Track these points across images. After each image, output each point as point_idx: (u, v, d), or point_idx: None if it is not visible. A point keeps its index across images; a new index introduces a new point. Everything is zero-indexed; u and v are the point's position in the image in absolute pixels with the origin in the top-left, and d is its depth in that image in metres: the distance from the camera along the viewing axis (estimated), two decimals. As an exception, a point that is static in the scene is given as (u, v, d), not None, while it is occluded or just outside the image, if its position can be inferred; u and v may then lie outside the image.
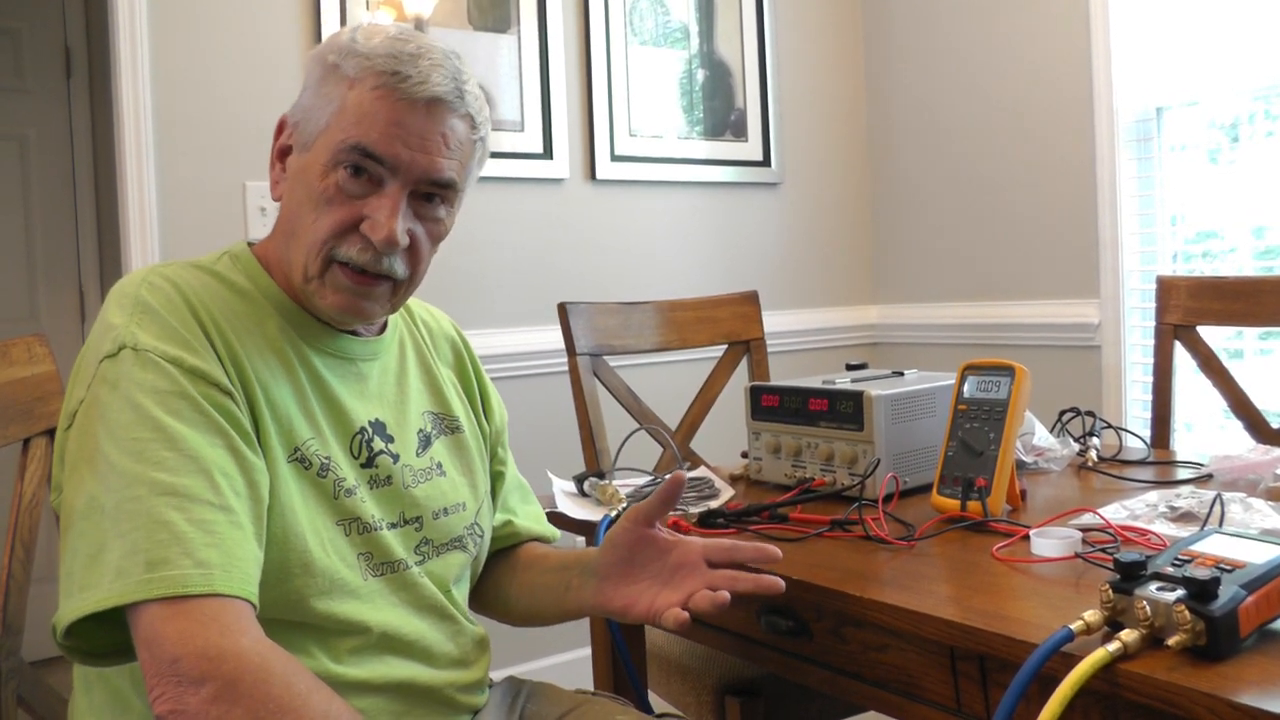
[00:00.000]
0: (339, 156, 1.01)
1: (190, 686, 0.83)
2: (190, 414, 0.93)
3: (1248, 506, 1.23)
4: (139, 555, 0.86)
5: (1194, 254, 2.67)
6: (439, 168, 1.04)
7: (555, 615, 1.24)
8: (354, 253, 1.02)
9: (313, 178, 1.03)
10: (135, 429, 0.91)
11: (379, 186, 1.02)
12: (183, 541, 0.87)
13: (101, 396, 0.94)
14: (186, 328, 0.97)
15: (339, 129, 1.01)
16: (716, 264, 3.13)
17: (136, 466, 0.90)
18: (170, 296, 0.99)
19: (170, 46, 2.32)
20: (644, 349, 2.13)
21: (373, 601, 1.04)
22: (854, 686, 1.15)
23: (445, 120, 1.04)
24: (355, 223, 1.02)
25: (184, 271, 1.04)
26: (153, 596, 0.85)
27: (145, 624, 0.86)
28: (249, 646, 0.85)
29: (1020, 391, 1.32)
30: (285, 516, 0.98)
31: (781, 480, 1.57)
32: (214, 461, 0.92)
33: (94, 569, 0.87)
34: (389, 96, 1.01)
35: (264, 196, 2.42)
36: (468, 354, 1.31)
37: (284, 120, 1.09)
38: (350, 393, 1.10)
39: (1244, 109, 2.53)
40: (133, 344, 0.95)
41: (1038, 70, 2.90)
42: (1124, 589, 0.88)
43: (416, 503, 1.12)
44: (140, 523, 0.88)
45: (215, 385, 0.96)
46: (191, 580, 0.86)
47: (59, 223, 3.48)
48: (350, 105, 1.01)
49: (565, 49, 2.85)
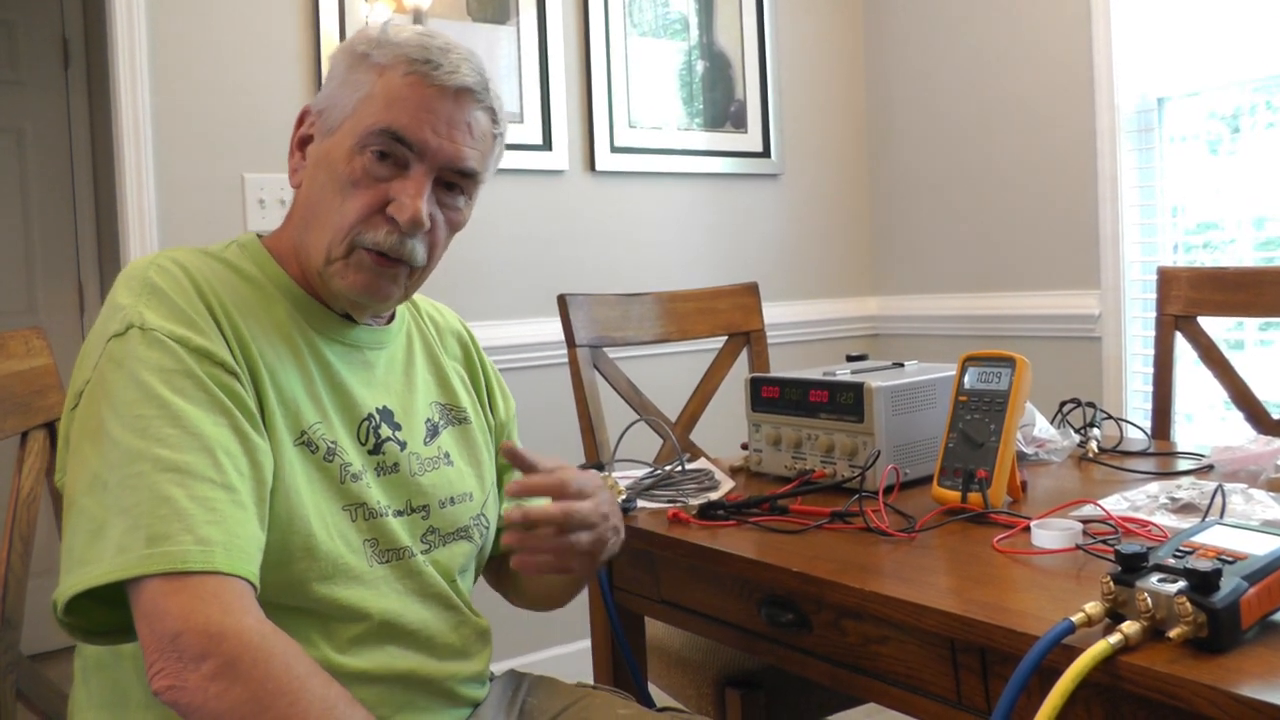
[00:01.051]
0: (366, 140, 1.03)
1: (190, 663, 0.83)
2: (195, 393, 0.94)
3: (1249, 498, 1.23)
4: (140, 531, 0.87)
5: (1194, 245, 2.67)
6: (464, 156, 1.07)
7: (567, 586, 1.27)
8: (380, 237, 1.04)
9: (338, 161, 1.04)
10: (140, 406, 0.92)
11: (404, 170, 1.05)
12: (184, 518, 0.88)
13: (107, 375, 0.94)
14: (193, 309, 0.98)
15: (368, 113, 1.04)
16: (716, 255, 3.12)
17: (140, 443, 0.90)
18: (178, 279, 1.00)
19: (168, 38, 2.31)
20: (644, 340, 2.13)
21: (377, 588, 1.04)
22: (854, 679, 1.15)
23: (471, 110, 1.07)
24: (380, 206, 1.04)
25: (193, 256, 1.05)
26: (153, 571, 0.85)
27: (146, 599, 0.86)
28: (251, 626, 0.86)
29: (1021, 383, 1.31)
30: (290, 499, 0.98)
31: (782, 472, 1.56)
32: (217, 440, 0.93)
33: (95, 544, 0.88)
34: (420, 83, 1.04)
35: (263, 189, 2.41)
36: (474, 348, 1.31)
37: (306, 110, 1.12)
38: (358, 380, 1.10)
39: (1245, 100, 2.52)
40: (140, 323, 0.96)
41: (1038, 60, 2.89)
42: (1125, 581, 0.88)
43: (423, 491, 1.12)
44: (142, 498, 0.88)
45: (221, 365, 0.96)
46: (192, 556, 0.86)
47: (57, 216, 3.47)
48: (379, 91, 1.04)
49: (564, 40, 2.84)
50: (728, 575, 1.28)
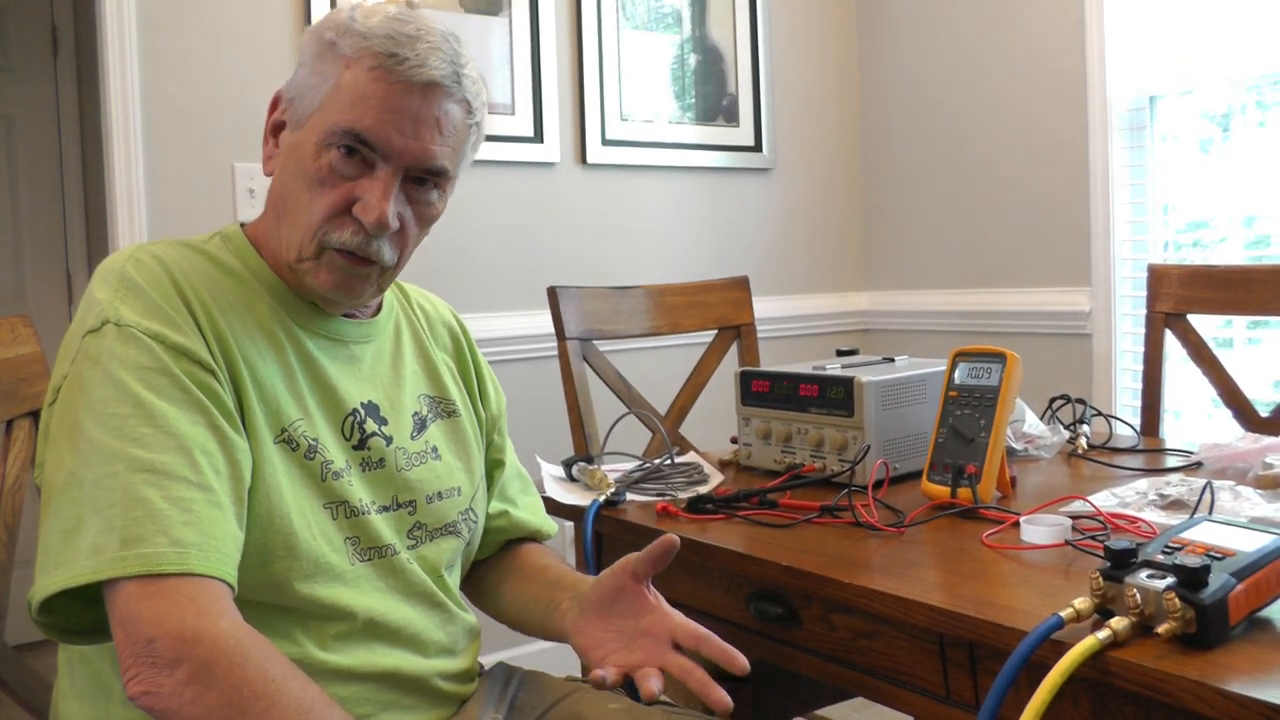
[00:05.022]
0: (331, 138, 1.01)
1: (165, 668, 0.82)
2: (171, 391, 0.92)
3: (1237, 495, 1.23)
4: (114, 532, 0.86)
5: (1185, 243, 2.67)
6: (431, 155, 1.03)
7: (539, 631, 1.22)
8: (346, 237, 1.02)
9: (305, 157, 1.02)
10: (115, 405, 0.91)
11: (370, 169, 1.02)
12: (159, 519, 0.87)
13: (83, 372, 0.93)
14: (170, 305, 0.97)
15: (334, 110, 1.01)
16: (707, 249, 3.12)
17: (115, 443, 0.89)
18: (156, 273, 0.98)
19: (158, 25, 2.29)
20: (634, 334, 2.13)
21: (359, 586, 1.03)
22: (843, 673, 1.15)
23: (440, 105, 1.03)
24: (347, 205, 1.02)
25: (172, 250, 1.03)
26: (127, 574, 0.85)
27: (120, 602, 0.85)
28: (226, 629, 0.85)
29: (1011, 378, 1.32)
30: (270, 497, 0.97)
31: (771, 466, 1.56)
32: (194, 439, 0.91)
33: (70, 545, 0.87)
34: (385, 79, 1.00)
35: (253, 178, 2.40)
36: (466, 340, 1.29)
37: (279, 95, 1.09)
38: (342, 374, 1.09)
39: (1236, 99, 2.53)
40: (116, 319, 0.94)
41: (1031, 58, 2.89)
42: (1114, 576, 0.88)
43: (410, 486, 1.11)
44: (117, 499, 0.87)
45: (198, 363, 0.95)
46: (166, 559, 0.86)
47: (45, 204, 3.45)
48: (345, 85, 1.01)
49: (557, 32, 2.83)
50: (716, 569, 1.28)
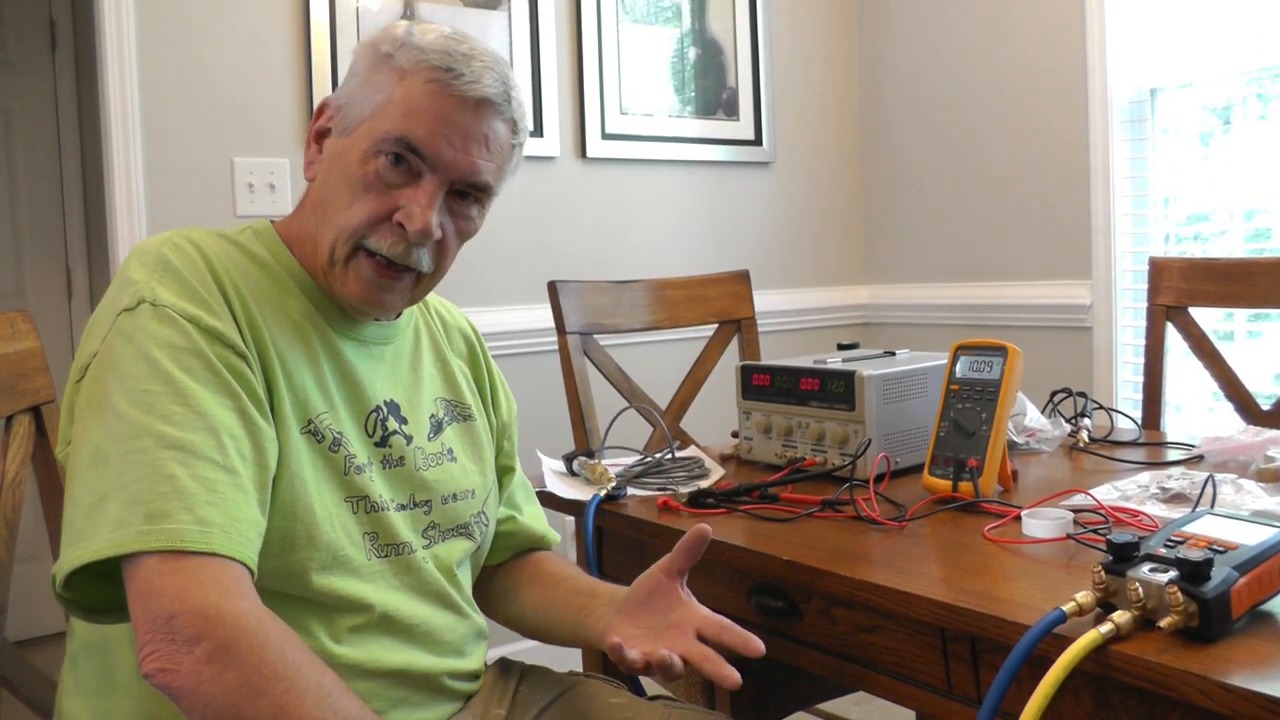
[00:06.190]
0: (381, 145, 1.02)
1: (184, 645, 0.82)
2: (203, 373, 0.93)
3: (1239, 488, 1.23)
4: (139, 506, 0.86)
5: (1185, 236, 2.67)
6: (478, 169, 1.06)
7: (568, 637, 1.21)
8: (385, 244, 1.03)
9: (351, 163, 1.03)
10: (146, 381, 0.91)
11: (417, 178, 1.03)
12: (184, 496, 0.87)
13: (115, 348, 0.93)
14: (206, 289, 0.97)
15: (385, 119, 1.02)
16: (707, 243, 3.11)
17: (145, 418, 0.89)
18: (193, 258, 0.99)
19: (157, 19, 2.29)
20: (634, 328, 2.12)
21: (374, 582, 1.04)
22: (844, 667, 1.15)
23: (490, 122, 1.05)
24: (389, 214, 1.03)
25: (208, 238, 1.04)
26: (150, 548, 0.84)
27: (141, 577, 0.84)
28: (247, 610, 0.85)
29: (1012, 372, 1.31)
30: (294, 486, 0.98)
31: (772, 460, 1.56)
32: (222, 422, 0.92)
33: (94, 519, 0.87)
34: (441, 92, 1.02)
35: (252, 173, 2.39)
36: (480, 348, 1.31)
37: (325, 103, 1.10)
38: (367, 371, 1.10)
39: (1237, 92, 2.52)
40: (152, 299, 0.95)
41: (1031, 50, 2.88)
42: (1116, 570, 0.88)
43: (427, 486, 1.12)
44: (144, 474, 0.87)
45: (231, 347, 0.96)
46: (190, 536, 0.85)
47: (44, 198, 3.45)
48: (399, 97, 1.02)
49: (556, 26, 2.82)
50: (717, 563, 1.28)
